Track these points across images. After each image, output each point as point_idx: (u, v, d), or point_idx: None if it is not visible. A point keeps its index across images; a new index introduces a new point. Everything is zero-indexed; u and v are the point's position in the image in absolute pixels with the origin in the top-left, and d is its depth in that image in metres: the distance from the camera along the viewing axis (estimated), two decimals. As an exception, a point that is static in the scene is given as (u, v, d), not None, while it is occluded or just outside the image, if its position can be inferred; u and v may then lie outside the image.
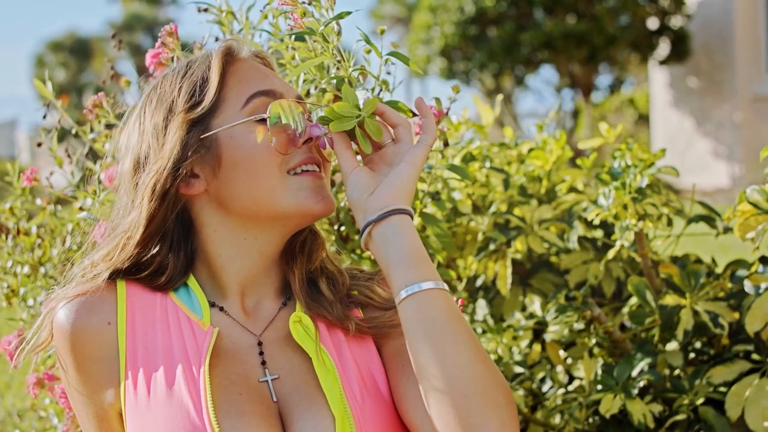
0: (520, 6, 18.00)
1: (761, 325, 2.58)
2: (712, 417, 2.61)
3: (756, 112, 16.38)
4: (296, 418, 1.84)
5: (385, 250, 1.85)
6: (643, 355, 2.72)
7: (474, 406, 1.72)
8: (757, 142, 15.93)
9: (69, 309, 1.88)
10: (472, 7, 18.19)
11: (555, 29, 17.21)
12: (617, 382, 2.66)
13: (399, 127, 1.94)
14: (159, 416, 1.79)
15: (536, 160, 3.23)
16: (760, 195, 2.61)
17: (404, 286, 1.81)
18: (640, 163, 2.90)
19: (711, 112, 16.96)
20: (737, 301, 2.75)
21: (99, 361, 1.87)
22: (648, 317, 2.75)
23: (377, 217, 1.86)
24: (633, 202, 2.77)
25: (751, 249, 2.68)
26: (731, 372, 2.64)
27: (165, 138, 1.94)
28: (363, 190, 1.90)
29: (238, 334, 1.95)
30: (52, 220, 3.10)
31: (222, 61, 1.97)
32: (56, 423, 2.99)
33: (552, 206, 3.15)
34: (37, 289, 3.04)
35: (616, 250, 2.88)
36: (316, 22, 2.10)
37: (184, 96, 1.95)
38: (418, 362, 1.77)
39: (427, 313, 1.79)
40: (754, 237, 2.64)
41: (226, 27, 2.66)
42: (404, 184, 1.89)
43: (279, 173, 1.91)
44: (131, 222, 1.95)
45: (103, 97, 2.71)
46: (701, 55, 17.27)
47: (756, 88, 16.48)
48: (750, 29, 16.63)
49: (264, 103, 1.94)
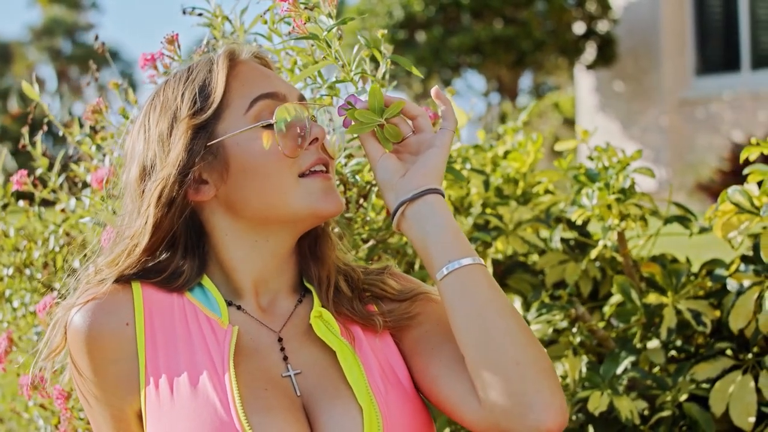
0: (448, 11, 18.05)
1: (744, 323, 2.64)
2: (696, 413, 2.66)
3: (682, 116, 16.59)
4: (322, 411, 1.86)
5: (421, 228, 1.90)
6: (626, 353, 2.77)
7: (528, 373, 1.79)
8: (683, 145, 16.14)
9: (85, 312, 1.87)
10: (400, 11, 18.21)
11: (483, 34, 17.30)
12: (603, 380, 2.70)
13: (419, 118, 1.99)
14: (184, 414, 1.79)
15: (514, 162, 3.27)
16: (742, 195, 2.68)
17: (446, 263, 1.86)
18: (617, 165, 2.95)
19: (637, 116, 17.14)
20: (717, 299, 2.81)
21: (118, 362, 1.86)
22: (633, 315, 2.80)
23: (412, 196, 1.91)
24: (617, 203, 2.82)
25: (725, 248, 2.74)
26: (714, 369, 2.69)
27: (170, 145, 1.93)
28: (393, 172, 1.95)
29: (256, 332, 1.95)
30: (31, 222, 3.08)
31: (226, 66, 1.97)
32: (41, 425, 2.97)
33: (529, 207, 3.19)
34: (21, 292, 3.03)
35: (598, 249, 2.93)
36: (318, 27, 2.12)
37: (187, 102, 1.94)
38: (466, 336, 1.84)
39: (471, 288, 1.85)
40: (736, 236, 2.70)
41: (217, 30, 2.66)
42: (436, 165, 1.94)
43: (289, 177, 1.92)
44: (138, 229, 1.94)
45: (102, 102, 2.69)
46: (628, 59, 17.44)
47: (682, 93, 16.69)
48: (676, 34, 16.85)
49: (268, 106, 1.94)
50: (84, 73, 43.11)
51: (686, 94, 16.66)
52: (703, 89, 16.50)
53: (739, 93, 15.71)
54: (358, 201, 2.64)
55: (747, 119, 15.41)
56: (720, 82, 16.28)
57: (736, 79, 16.15)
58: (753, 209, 2.64)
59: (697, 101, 16.43)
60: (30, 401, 2.84)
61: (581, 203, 2.88)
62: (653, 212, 2.98)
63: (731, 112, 15.81)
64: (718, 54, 16.89)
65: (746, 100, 15.60)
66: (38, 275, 3.04)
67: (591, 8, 17.88)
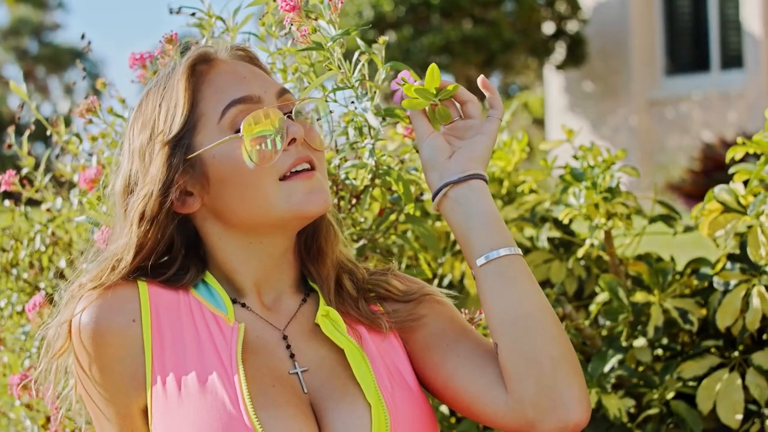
0: (417, 11, 18.07)
1: (732, 321, 2.66)
2: (684, 411, 2.68)
3: (651, 116, 16.68)
4: (330, 408, 1.85)
5: (464, 211, 1.91)
6: (614, 351, 2.79)
7: (561, 367, 1.83)
8: (652, 145, 16.23)
9: (91, 310, 1.86)
10: (370, 11, 18.22)
11: (453, 34, 17.32)
12: (592, 378, 2.72)
13: (468, 104, 1.99)
14: (192, 410, 1.79)
15: (498, 161, 3.28)
16: (729, 194, 2.70)
17: (487, 251, 1.89)
18: (602, 164, 2.97)
19: (607, 117, 17.22)
20: (704, 297, 2.83)
21: (124, 360, 1.85)
22: (621, 314, 2.81)
23: (458, 178, 1.92)
24: (604, 202, 2.83)
25: (707, 247, 2.76)
26: (701, 367, 2.71)
27: (150, 162, 1.92)
28: (440, 152, 1.96)
29: (262, 329, 1.94)
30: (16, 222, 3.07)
31: (188, 80, 1.93)
32: (28, 425, 2.96)
33: (515, 206, 3.20)
34: (7, 292, 3.02)
35: (585, 248, 2.94)
36: (322, 36, 2.13)
37: (163, 116, 1.93)
38: (501, 326, 1.86)
39: (511, 278, 1.87)
40: (723, 235, 2.72)
41: (207, 30, 2.65)
42: (483, 152, 1.96)
43: (269, 183, 1.89)
44: (123, 246, 1.93)
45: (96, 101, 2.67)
46: (597, 59, 17.52)
47: (651, 93, 16.78)
48: (645, 34, 16.93)
49: (241, 112, 1.90)
50: (51, 73, 42.92)
51: (656, 94, 16.76)
52: (673, 89, 16.60)
53: (709, 93, 15.81)
54: (350, 201, 2.64)
55: (716, 119, 15.51)
56: (689, 82, 16.39)
57: (705, 79, 16.26)
58: (740, 208, 2.67)
59: (667, 101, 16.53)
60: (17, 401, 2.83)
61: (568, 202, 2.89)
62: (638, 211, 3.00)
63: (701, 112, 15.91)
64: (688, 54, 17.00)
65: (715, 100, 15.71)
66: (24, 275, 3.03)
67: (560, 8, 17.95)
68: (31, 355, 2.83)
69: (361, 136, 2.49)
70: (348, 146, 2.55)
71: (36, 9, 45.00)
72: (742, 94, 15.36)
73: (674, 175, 13.78)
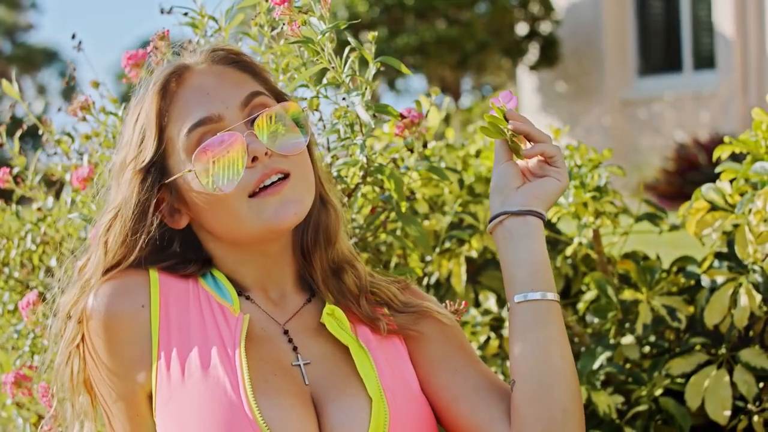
0: (392, 12, 18.07)
1: (720, 318, 2.68)
2: (672, 407, 2.71)
3: (625, 117, 16.73)
4: (330, 401, 1.88)
5: (515, 243, 1.93)
6: (602, 348, 2.81)
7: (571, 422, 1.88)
8: (625, 146, 16.26)
9: (102, 294, 1.90)
10: (344, 12, 18.21)
11: (427, 34, 17.33)
12: (581, 375, 2.74)
13: (544, 145, 1.96)
14: (195, 395, 1.82)
15: (486, 161, 3.30)
16: (716, 193, 2.73)
17: (528, 290, 1.91)
18: (589, 163, 3.00)
19: (580, 117, 17.25)
20: (691, 295, 2.85)
21: (131, 343, 1.88)
22: (609, 311, 2.84)
23: (517, 210, 1.93)
24: (593, 200, 2.86)
25: (692, 245, 2.79)
26: (689, 364, 2.73)
27: (124, 184, 1.97)
28: (510, 180, 1.97)
29: (265, 322, 1.98)
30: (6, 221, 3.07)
31: (159, 102, 1.96)
32: (20, 423, 2.95)
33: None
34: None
35: (574, 247, 2.96)
36: (313, 31, 2.14)
37: (136, 139, 1.97)
38: (524, 366, 1.89)
39: (544, 323, 1.90)
40: (710, 233, 2.75)
41: (199, 29, 2.65)
42: (550, 195, 1.96)
43: (239, 202, 1.91)
44: (95, 264, 1.97)
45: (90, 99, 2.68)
46: (570, 60, 17.55)
47: (624, 93, 16.82)
48: (618, 35, 16.99)
49: (205, 134, 1.92)
50: (24, 73, 42.68)
51: (628, 94, 16.80)
52: (646, 90, 16.65)
53: (681, 93, 15.86)
54: (341, 200, 2.64)
55: (689, 119, 15.57)
56: (662, 82, 16.43)
57: (677, 79, 16.31)
58: (727, 207, 2.70)
59: (640, 102, 16.58)
60: (9, 400, 2.83)
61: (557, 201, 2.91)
62: (624, 210, 3.03)
63: (673, 113, 15.96)
64: (660, 55, 17.05)
65: (688, 100, 15.76)
66: (15, 274, 3.04)
67: (534, 9, 17.97)
68: (23, 354, 2.83)
69: (353, 132, 2.50)
70: (338, 142, 2.57)
71: (9, 9, 44.74)
72: (714, 95, 15.42)
73: (648, 176, 13.82)
